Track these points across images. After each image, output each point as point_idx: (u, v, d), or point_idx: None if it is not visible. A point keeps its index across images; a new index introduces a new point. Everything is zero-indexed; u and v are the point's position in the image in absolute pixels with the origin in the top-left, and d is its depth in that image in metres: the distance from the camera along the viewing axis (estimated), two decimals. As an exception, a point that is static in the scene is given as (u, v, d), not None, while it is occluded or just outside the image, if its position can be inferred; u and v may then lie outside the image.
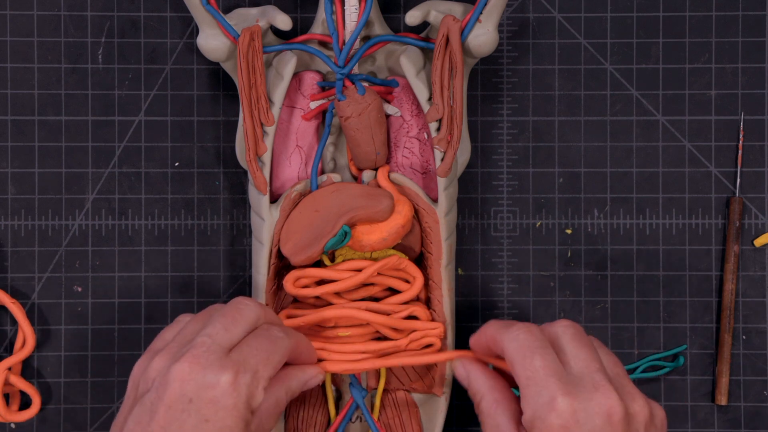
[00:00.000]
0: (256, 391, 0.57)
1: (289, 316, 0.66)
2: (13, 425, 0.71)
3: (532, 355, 0.57)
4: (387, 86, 0.68)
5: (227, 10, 0.69)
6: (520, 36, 0.72)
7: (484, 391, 0.60)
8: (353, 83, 0.66)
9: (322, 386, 0.68)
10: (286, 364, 0.61)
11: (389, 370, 0.68)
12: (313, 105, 0.68)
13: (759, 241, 0.71)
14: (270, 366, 0.58)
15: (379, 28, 0.68)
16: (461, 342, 0.68)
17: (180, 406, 0.55)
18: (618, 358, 0.60)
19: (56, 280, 0.71)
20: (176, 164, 0.71)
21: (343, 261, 0.66)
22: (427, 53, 0.67)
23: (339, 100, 0.66)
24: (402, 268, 0.66)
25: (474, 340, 0.62)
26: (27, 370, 0.71)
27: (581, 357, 0.57)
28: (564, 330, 0.59)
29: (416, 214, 0.67)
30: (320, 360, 0.65)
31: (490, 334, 0.60)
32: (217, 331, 0.57)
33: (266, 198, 0.66)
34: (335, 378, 0.68)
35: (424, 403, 0.69)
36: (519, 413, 0.59)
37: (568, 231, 0.72)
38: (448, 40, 0.65)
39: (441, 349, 0.67)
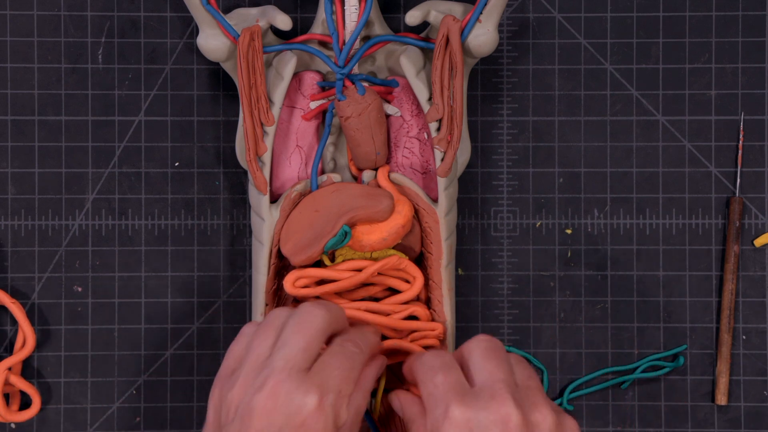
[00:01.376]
0: (341, 410, 0.57)
1: (289, 316, 0.66)
2: (13, 425, 0.71)
3: (435, 373, 0.57)
4: (387, 86, 0.68)
5: (227, 10, 0.69)
6: (520, 36, 0.72)
7: (415, 417, 0.60)
8: (353, 83, 0.66)
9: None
10: None
11: (389, 370, 0.68)
12: (313, 105, 0.68)
13: (759, 241, 0.71)
14: (351, 383, 0.58)
15: (379, 28, 0.68)
16: (461, 342, 0.67)
17: None
18: (535, 373, 0.60)
19: (56, 280, 0.71)
20: (176, 164, 0.71)
21: (343, 261, 0.66)
22: (427, 53, 0.67)
23: (339, 100, 0.66)
24: (402, 268, 0.66)
25: (405, 370, 0.63)
26: (27, 370, 0.71)
27: (487, 369, 0.57)
28: (477, 344, 0.59)
29: (416, 214, 0.67)
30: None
31: (408, 364, 0.62)
32: (294, 354, 0.57)
33: (266, 198, 0.66)
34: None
35: (424, 403, 0.69)
36: None
37: (568, 231, 0.72)
38: (448, 40, 0.65)
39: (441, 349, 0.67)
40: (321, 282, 0.66)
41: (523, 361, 0.60)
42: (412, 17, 0.66)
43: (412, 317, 0.67)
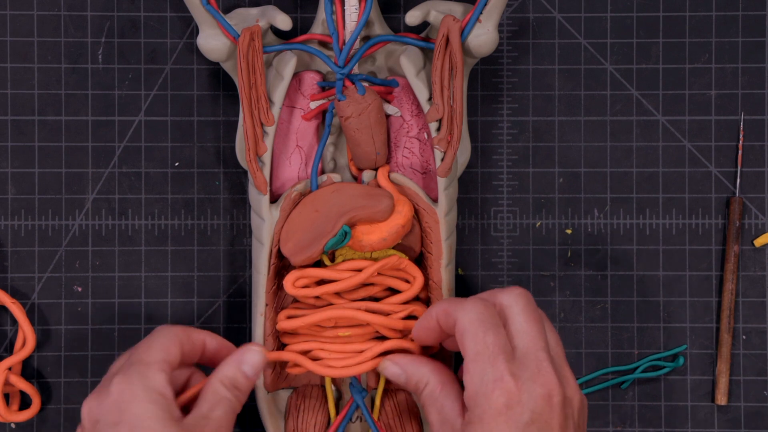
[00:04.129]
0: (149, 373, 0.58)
1: (289, 316, 0.66)
2: (13, 425, 0.71)
3: (485, 331, 0.57)
4: (387, 86, 0.68)
5: (227, 10, 0.69)
6: (520, 36, 0.72)
7: (429, 376, 0.60)
8: (353, 83, 0.66)
9: (322, 386, 0.68)
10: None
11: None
12: (313, 105, 0.68)
13: (759, 241, 0.71)
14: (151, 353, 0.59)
15: (379, 28, 0.68)
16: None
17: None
18: (560, 338, 0.60)
19: (56, 280, 0.71)
20: (176, 164, 0.71)
21: (343, 261, 0.66)
22: (427, 53, 0.67)
23: (339, 100, 0.66)
24: (402, 268, 0.66)
25: (419, 324, 0.62)
26: (27, 370, 0.71)
27: (529, 332, 0.58)
28: (516, 299, 0.59)
29: (416, 214, 0.67)
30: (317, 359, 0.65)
31: (442, 307, 0.60)
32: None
33: (266, 198, 0.66)
34: (335, 378, 0.68)
35: (424, 403, 0.69)
36: (461, 399, 0.59)
37: (568, 231, 0.72)
38: (448, 40, 0.65)
39: (439, 349, 0.67)
40: (321, 282, 0.66)
41: (549, 322, 0.61)
42: (412, 17, 0.66)
43: (412, 317, 0.66)
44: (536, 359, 0.57)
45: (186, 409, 0.59)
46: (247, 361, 0.61)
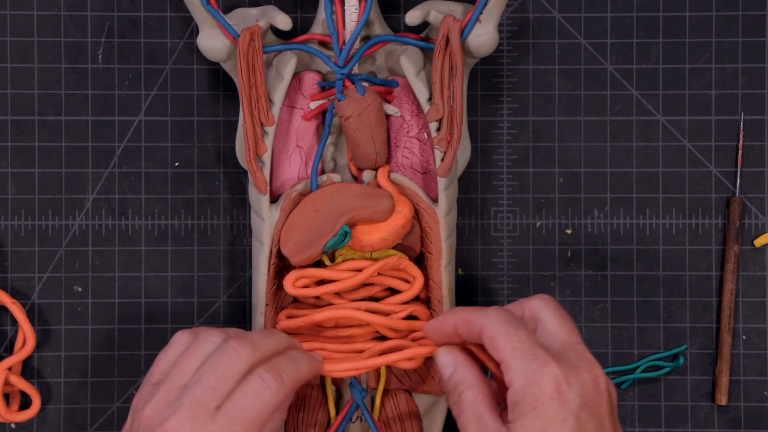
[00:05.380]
0: None
1: (289, 316, 0.66)
2: (13, 425, 0.71)
3: (516, 329, 0.57)
4: (387, 86, 0.68)
5: (227, 10, 0.69)
6: (520, 36, 0.72)
7: (471, 381, 0.60)
8: (353, 83, 0.66)
9: (322, 386, 0.68)
10: None
11: (389, 370, 0.68)
12: (313, 105, 0.68)
13: (759, 241, 0.71)
14: (258, 425, 0.58)
15: (379, 28, 0.68)
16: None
17: None
18: None
19: (56, 280, 0.71)
20: (176, 164, 0.71)
21: (343, 261, 0.66)
22: (427, 53, 0.67)
23: (339, 100, 0.66)
24: (402, 268, 0.66)
25: (433, 325, 0.61)
26: (27, 370, 0.71)
27: (563, 330, 0.58)
28: (545, 303, 0.60)
29: (416, 214, 0.67)
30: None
31: (462, 316, 0.60)
32: (203, 392, 0.57)
33: (266, 198, 0.66)
34: (335, 378, 0.68)
35: (425, 403, 0.69)
36: (497, 407, 0.59)
37: (568, 231, 0.72)
38: (448, 40, 0.65)
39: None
40: (321, 282, 0.66)
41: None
42: (412, 17, 0.66)
43: (412, 317, 0.67)
44: (576, 350, 0.57)
45: None
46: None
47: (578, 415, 0.55)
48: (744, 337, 0.72)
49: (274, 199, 0.67)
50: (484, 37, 0.65)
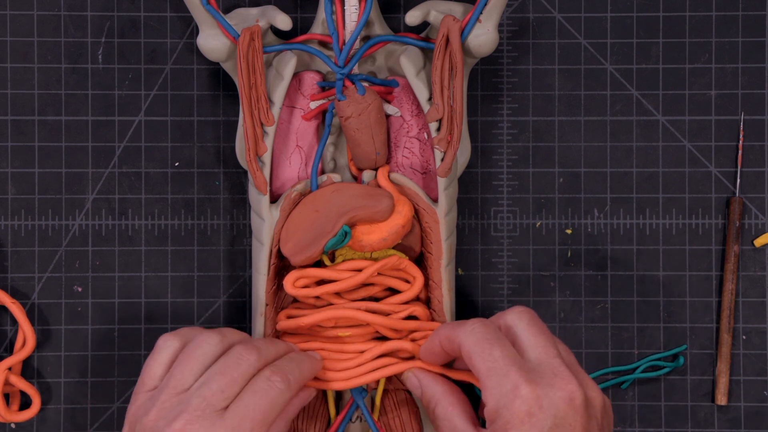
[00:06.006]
0: None
1: (289, 316, 0.66)
2: (13, 425, 0.71)
3: (491, 346, 0.58)
4: (387, 86, 0.68)
5: (227, 10, 0.69)
6: (520, 36, 0.72)
7: (439, 397, 0.61)
8: (353, 83, 0.66)
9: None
10: None
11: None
12: (313, 105, 0.68)
13: (759, 241, 0.71)
14: (266, 424, 0.58)
15: (379, 28, 0.68)
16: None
17: None
18: (568, 348, 0.61)
19: (56, 280, 0.71)
20: (176, 164, 0.71)
21: (343, 261, 0.66)
22: (427, 53, 0.67)
23: (339, 100, 0.66)
24: (402, 268, 0.66)
25: (424, 347, 0.64)
26: (27, 370, 0.71)
27: (538, 344, 0.59)
28: (519, 317, 0.60)
29: (416, 214, 0.67)
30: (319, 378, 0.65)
31: (444, 334, 0.61)
32: (212, 394, 0.57)
33: (266, 198, 0.66)
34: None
35: (424, 403, 0.69)
36: (473, 415, 0.60)
37: (568, 231, 0.72)
38: (448, 40, 0.65)
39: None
40: (321, 282, 0.66)
41: (554, 335, 0.61)
42: (412, 17, 0.66)
43: (412, 317, 0.67)
44: (550, 366, 0.57)
45: None
46: (305, 404, 0.63)
47: None
48: (744, 337, 0.72)
49: (274, 199, 0.67)
50: (484, 37, 0.65)
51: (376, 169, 0.67)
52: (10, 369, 0.69)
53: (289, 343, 0.64)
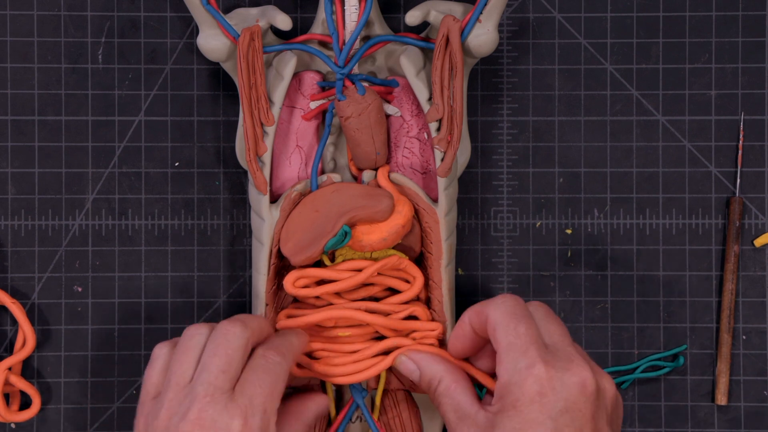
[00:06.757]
0: (268, 429, 0.57)
1: (289, 316, 0.66)
2: (13, 425, 0.71)
3: (517, 321, 0.58)
4: (387, 86, 0.68)
5: (227, 10, 0.69)
6: (520, 36, 0.72)
7: (442, 374, 0.61)
8: (353, 83, 0.66)
9: (322, 386, 0.68)
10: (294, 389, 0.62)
11: (389, 370, 0.68)
12: (313, 105, 0.68)
13: (759, 241, 0.71)
14: (275, 398, 0.58)
15: (379, 28, 0.68)
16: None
17: None
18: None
19: (56, 280, 0.71)
20: (176, 164, 0.71)
21: (343, 261, 0.66)
22: (427, 53, 0.67)
23: (339, 100, 0.66)
24: (402, 268, 0.66)
25: (453, 332, 0.63)
26: (27, 370, 0.71)
27: (556, 333, 0.59)
28: (536, 308, 0.61)
29: (416, 214, 0.67)
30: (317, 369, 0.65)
31: (474, 309, 0.61)
32: (215, 376, 0.57)
33: (266, 198, 0.66)
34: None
35: (425, 403, 0.69)
36: (476, 392, 0.60)
37: (568, 231, 0.72)
38: (448, 40, 0.65)
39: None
40: (321, 282, 0.66)
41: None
42: (412, 17, 0.66)
43: (412, 317, 0.67)
44: (566, 352, 0.58)
45: None
46: (321, 414, 0.65)
47: (557, 418, 0.56)
48: (744, 337, 0.72)
49: (274, 199, 0.67)
50: (484, 37, 0.65)
51: (376, 169, 0.67)
52: (10, 369, 0.69)
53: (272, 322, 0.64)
